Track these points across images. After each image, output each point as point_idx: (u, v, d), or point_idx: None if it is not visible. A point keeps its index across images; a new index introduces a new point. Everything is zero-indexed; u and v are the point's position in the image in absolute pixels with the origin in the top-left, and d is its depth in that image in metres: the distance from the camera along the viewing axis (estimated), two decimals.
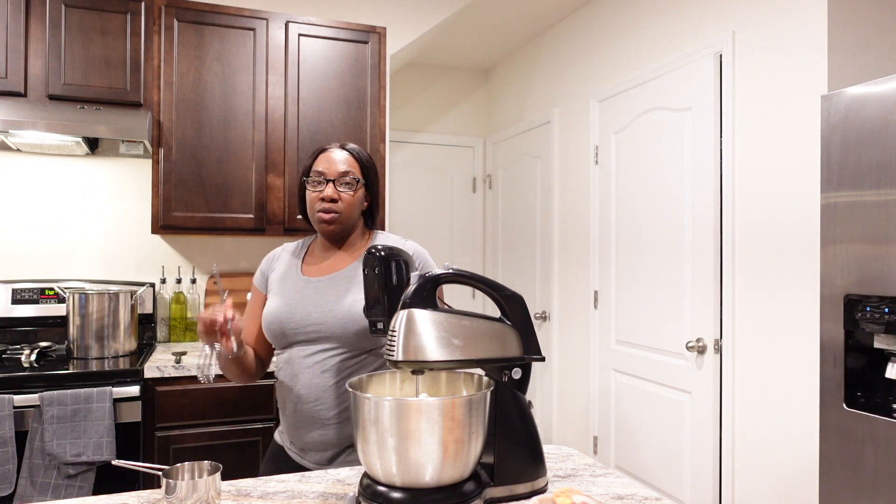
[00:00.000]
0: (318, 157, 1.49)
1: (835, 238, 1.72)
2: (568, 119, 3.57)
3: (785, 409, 2.19)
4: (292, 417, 1.43)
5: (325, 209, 1.46)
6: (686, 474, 2.64)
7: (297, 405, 1.41)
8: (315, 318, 1.41)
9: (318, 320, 1.41)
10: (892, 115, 1.58)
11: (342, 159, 1.49)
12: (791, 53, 2.18)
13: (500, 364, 1.05)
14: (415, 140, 4.45)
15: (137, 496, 1.04)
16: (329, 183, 1.46)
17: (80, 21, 2.41)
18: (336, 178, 1.46)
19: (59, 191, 2.69)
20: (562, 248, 3.62)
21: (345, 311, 1.40)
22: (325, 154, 1.49)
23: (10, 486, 1.93)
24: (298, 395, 1.41)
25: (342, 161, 1.48)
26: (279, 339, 1.45)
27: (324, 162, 1.47)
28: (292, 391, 1.42)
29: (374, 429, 0.93)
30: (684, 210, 2.66)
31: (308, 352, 1.42)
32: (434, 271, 1.05)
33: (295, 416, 1.42)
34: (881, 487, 1.58)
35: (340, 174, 1.47)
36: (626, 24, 3.08)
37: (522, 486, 1.04)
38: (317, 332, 1.40)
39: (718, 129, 2.49)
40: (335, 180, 1.46)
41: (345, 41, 2.75)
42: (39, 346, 2.35)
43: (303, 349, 1.42)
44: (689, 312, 2.63)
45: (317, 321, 1.41)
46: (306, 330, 1.41)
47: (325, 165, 1.46)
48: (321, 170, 1.46)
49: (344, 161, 1.48)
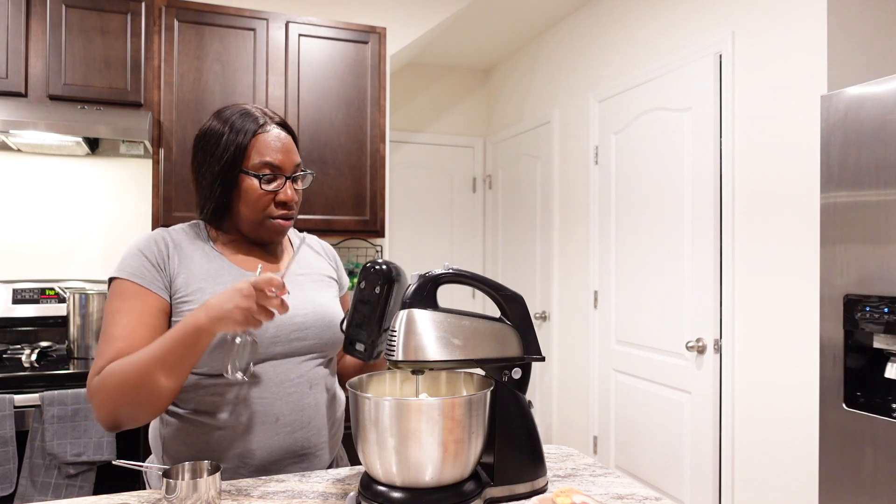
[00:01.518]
0: (258, 140, 1.14)
1: (834, 238, 1.72)
2: (568, 119, 3.57)
3: (785, 409, 2.19)
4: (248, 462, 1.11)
5: (284, 216, 1.17)
6: (686, 474, 2.64)
7: (271, 439, 1.12)
8: (299, 323, 1.16)
9: (302, 325, 1.16)
10: (892, 115, 1.59)
11: (290, 144, 1.18)
12: (791, 53, 2.18)
13: (500, 364, 1.05)
14: (415, 140, 4.45)
15: (137, 496, 1.04)
16: (287, 181, 1.16)
17: (81, 21, 2.41)
18: (292, 172, 1.17)
19: (60, 191, 2.69)
20: (562, 248, 3.62)
21: (326, 309, 1.21)
22: (268, 137, 1.14)
23: (10, 485, 1.93)
24: (277, 427, 1.12)
25: (292, 148, 1.18)
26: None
27: (273, 150, 1.14)
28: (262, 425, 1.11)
29: (374, 429, 0.93)
30: (684, 210, 2.66)
31: (288, 366, 1.15)
32: (434, 271, 1.05)
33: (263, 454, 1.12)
34: (881, 487, 1.58)
35: (295, 167, 1.18)
36: (626, 24, 3.08)
37: (522, 486, 1.04)
38: (300, 338, 1.16)
39: (718, 129, 2.49)
40: (292, 178, 1.17)
41: (345, 41, 2.76)
42: (40, 346, 2.35)
43: (282, 364, 1.14)
44: (688, 312, 2.63)
45: (301, 325, 1.16)
46: (289, 338, 1.14)
47: (280, 156, 1.14)
48: (275, 163, 1.14)
49: (292, 146, 1.18)
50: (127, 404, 1.01)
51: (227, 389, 1.11)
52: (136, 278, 1.09)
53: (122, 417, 1.02)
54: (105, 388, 1.01)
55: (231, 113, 1.17)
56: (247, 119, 1.15)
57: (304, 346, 1.17)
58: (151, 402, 1.01)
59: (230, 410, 1.11)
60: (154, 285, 1.10)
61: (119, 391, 1.00)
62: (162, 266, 1.11)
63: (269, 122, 1.16)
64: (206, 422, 1.11)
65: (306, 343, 1.17)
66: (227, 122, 1.15)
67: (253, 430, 1.11)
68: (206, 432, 1.11)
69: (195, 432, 1.11)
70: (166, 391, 1.01)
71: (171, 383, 1.01)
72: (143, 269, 1.10)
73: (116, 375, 1.01)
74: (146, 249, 1.12)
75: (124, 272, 1.10)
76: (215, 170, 1.14)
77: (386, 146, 2.85)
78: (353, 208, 2.76)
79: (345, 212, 2.74)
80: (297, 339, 1.16)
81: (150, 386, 1.00)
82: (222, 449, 1.11)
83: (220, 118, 1.17)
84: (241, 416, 1.11)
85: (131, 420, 1.03)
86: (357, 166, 2.76)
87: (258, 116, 1.16)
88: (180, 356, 1.00)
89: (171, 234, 1.17)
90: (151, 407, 1.02)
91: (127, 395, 1.00)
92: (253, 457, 1.12)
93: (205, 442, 1.11)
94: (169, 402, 1.03)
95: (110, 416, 1.02)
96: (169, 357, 0.99)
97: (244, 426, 1.11)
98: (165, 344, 1.00)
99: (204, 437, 1.11)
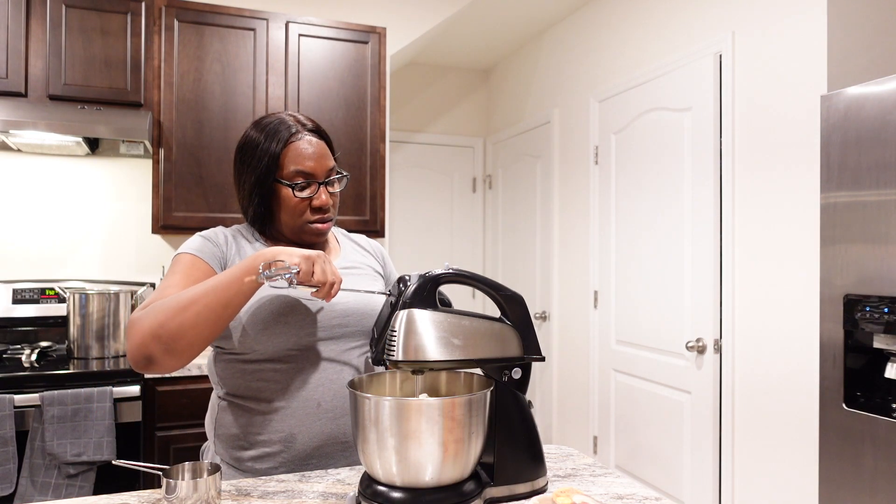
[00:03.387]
0: (290, 149, 1.17)
1: (834, 238, 1.72)
2: (568, 119, 3.57)
3: (785, 409, 2.19)
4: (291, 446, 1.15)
5: (321, 219, 1.21)
6: (686, 474, 2.64)
7: (313, 425, 1.16)
8: (340, 310, 1.20)
9: (343, 311, 1.20)
10: (892, 115, 1.58)
11: (322, 149, 1.20)
12: (791, 53, 2.18)
13: (500, 364, 1.05)
14: (415, 140, 4.45)
15: (138, 496, 1.04)
16: (321, 186, 1.20)
17: (81, 21, 2.41)
18: (325, 177, 1.20)
19: (60, 191, 2.69)
20: (562, 248, 3.62)
21: (368, 298, 1.25)
22: (300, 145, 1.18)
23: (10, 485, 1.93)
24: (319, 412, 1.16)
25: (325, 154, 1.21)
26: (280, 336, 1.15)
27: (305, 157, 1.17)
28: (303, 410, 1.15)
29: (374, 429, 0.93)
30: (684, 209, 2.66)
31: (330, 353, 1.18)
32: (434, 271, 1.05)
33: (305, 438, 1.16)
34: (880, 487, 1.58)
35: (329, 171, 1.21)
36: (626, 25, 3.08)
37: (522, 486, 1.04)
38: (342, 324, 1.20)
39: (718, 129, 2.49)
40: (325, 182, 1.21)
41: (345, 41, 2.76)
42: (40, 346, 2.35)
43: (324, 350, 1.18)
44: (688, 312, 2.63)
45: (343, 312, 1.20)
46: (330, 324, 1.19)
47: (311, 163, 1.18)
48: (307, 170, 1.18)
49: (324, 151, 1.21)
50: (161, 334, 1.00)
51: (270, 375, 1.15)
52: (194, 251, 1.16)
53: (154, 350, 1.00)
54: (145, 316, 1.02)
55: (267, 122, 1.21)
56: (280, 128, 1.19)
57: (345, 332, 1.21)
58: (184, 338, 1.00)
59: (273, 395, 1.15)
60: (212, 259, 1.16)
61: (158, 317, 1.00)
62: (220, 247, 1.19)
63: (301, 130, 1.19)
64: (251, 406, 1.16)
65: (348, 330, 1.21)
66: (263, 132, 1.19)
67: (295, 415, 1.15)
68: (250, 416, 1.16)
69: (241, 416, 1.17)
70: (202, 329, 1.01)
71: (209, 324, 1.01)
72: (203, 246, 1.17)
73: (159, 305, 1.02)
74: (208, 235, 1.21)
75: (186, 248, 1.17)
76: (252, 180, 1.19)
77: (386, 146, 2.85)
78: (353, 208, 2.76)
79: (345, 212, 2.74)
80: (339, 325, 1.20)
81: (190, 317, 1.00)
82: (266, 432, 1.15)
83: (257, 128, 1.21)
84: (283, 400, 1.15)
85: (161, 355, 1.01)
86: (357, 166, 2.77)
87: (291, 125, 1.19)
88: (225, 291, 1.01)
89: (230, 230, 1.26)
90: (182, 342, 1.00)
91: (165, 323, 0.99)
92: (295, 441, 1.15)
93: (249, 425, 1.16)
94: (201, 348, 1.03)
95: (141, 352, 1.01)
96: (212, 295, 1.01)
97: (286, 410, 1.15)
98: (215, 278, 1.03)
99: (248, 421, 1.16)
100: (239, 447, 1.17)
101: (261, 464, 1.16)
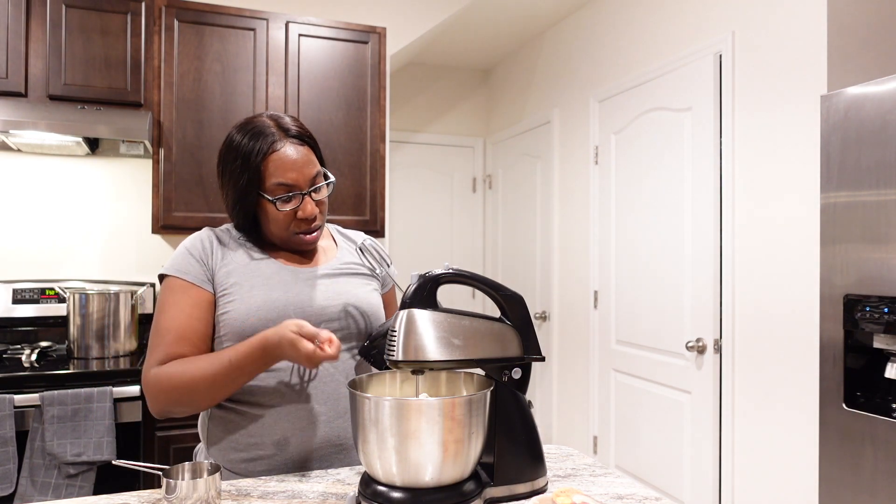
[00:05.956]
0: (271, 161, 1.12)
1: (834, 238, 1.72)
2: (568, 119, 3.57)
3: (785, 409, 2.19)
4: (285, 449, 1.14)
5: (308, 230, 1.18)
6: (686, 474, 2.64)
7: (306, 428, 1.15)
8: (329, 313, 1.18)
9: (331, 315, 1.18)
10: (892, 115, 1.59)
11: (305, 157, 1.15)
12: (791, 53, 2.18)
13: (500, 364, 1.05)
14: (415, 140, 4.45)
15: (138, 496, 1.04)
16: (304, 197, 1.15)
17: (81, 21, 2.41)
18: (309, 186, 1.16)
19: (60, 191, 2.69)
20: (562, 247, 3.62)
21: (356, 301, 1.22)
22: (280, 156, 1.13)
23: (10, 485, 1.93)
24: (311, 416, 1.15)
25: (308, 161, 1.15)
26: None
27: (286, 169, 1.13)
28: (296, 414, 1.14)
29: (374, 429, 0.93)
30: (684, 210, 2.66)
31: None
32: (434, 271, 1.05)
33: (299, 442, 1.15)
34: (880, 487, 1.58)
35: (313, 179, 1.16)
36: (626, 25, 3.08)
37: (522, 486, 1.04)
38: (329, 328, 1.17)
39: (718, 129, 2.49)
40: (310, 192, 1.16)
41: (345, 41, 2.76)
42: (40, 346, 2.35)
43: None
44: (688, 312, 2.63)
45: (331, 317, 1.18)
46: (322, 328, 1.14)
47: (293, 174, 1.13)
48: (289, 182, 1.13)
49: (308, 158, 1.16)
50: (178, 405, 1.10)
51: (262, 378, 1.15)
52: (181, 274, 1.15)
53: (174, 412, 1.11)
54: (160, 386, 1.09)
55: (248, 129, 1.16)
56: (260, 138, 1.13)
57: (337, 336, 1.17)
58: (202, 405, 1.10)
59: (264, 398, 1.15)
60: (198, 279, 1.15)
61: (173, 394, 1.08)
62: (205, 261, 1.17)
63: (281, 139, 1.14)
64: (243, 410, 1.15)
65: (339, 333, 1.19)
66: (244, 137, 1.15)
67: (288, 419, 1.15)
68: (243, 420, 1.15)
69: (234, 419, 1.16)
70: (217, 399, 1.10)
71: (221, 395, 1.09)
72: (188, 266, 1.15)
73: (172, 380, 1.08)
74: (191, 247, 1.18)
75: (171, 269, 1.16)
76: (234, 195, 1.17)
77: (386, 146, 2.85)
78: (353, 208, 2.76)
79: (345, 212, 2.74)
80: (331, 328, 1.18)
81: (201, 396, 1.08)
82: (258, 436, 1.14)
83: (240, 132, 1.16)
84: (275, 404, 1.15)
85: (182, 414, 1.11)
86: (357, 166, 2.76)
87: (270, 134, 1.14)
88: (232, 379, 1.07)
89: (216, 233, 1.22)
90: (202, 407, 1.11)
91: (179, 399, 1.09)
92: (289, 444, 1.14)
93: (242, 428, 1.15)
94: (220, 401, 1.11)
95: (161, 411, 1.11)
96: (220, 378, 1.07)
97: (279, 414, 1.14)
98: (221, 364, 1.07)
99: (241, 424, 1.15)
100: (231, 449, 1.16)
101: (254, 466, 1.15)
